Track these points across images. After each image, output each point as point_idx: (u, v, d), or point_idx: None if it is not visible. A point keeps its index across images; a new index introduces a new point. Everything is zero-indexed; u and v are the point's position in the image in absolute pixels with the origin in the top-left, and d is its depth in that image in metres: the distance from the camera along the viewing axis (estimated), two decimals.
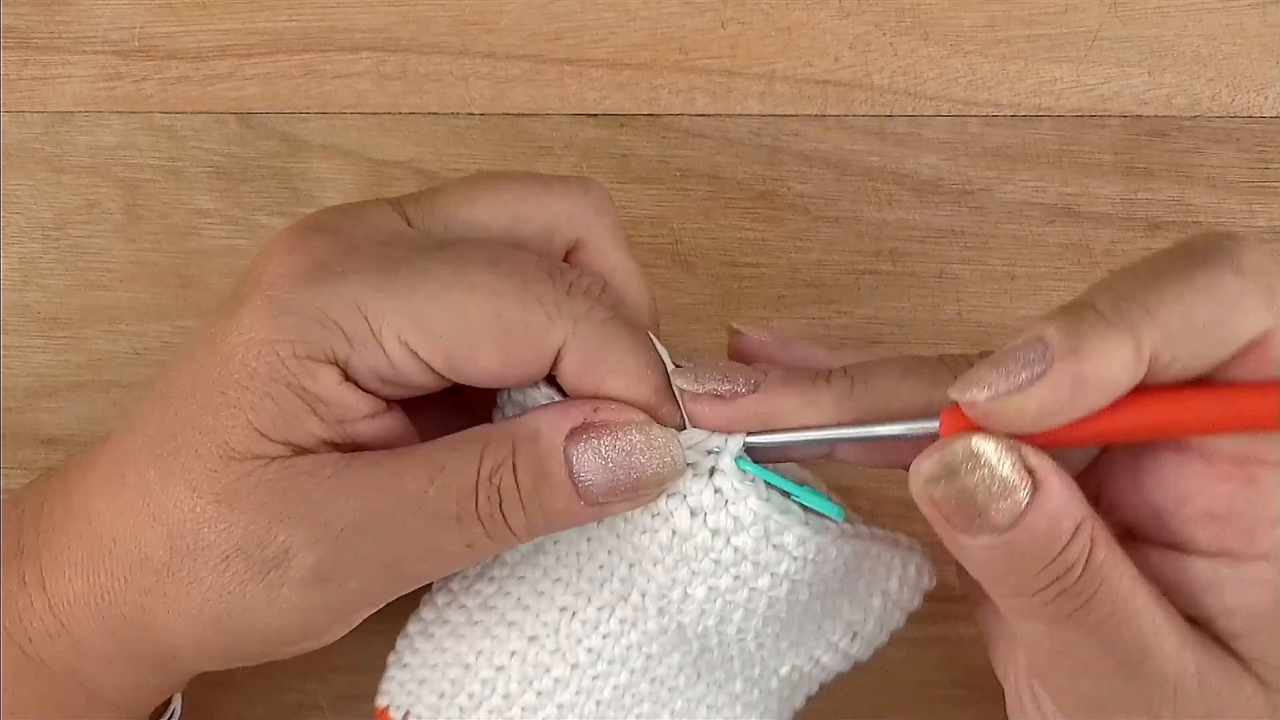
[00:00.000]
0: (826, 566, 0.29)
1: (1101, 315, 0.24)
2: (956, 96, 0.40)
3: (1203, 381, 0.25)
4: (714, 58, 0.40)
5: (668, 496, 0.28)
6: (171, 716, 0.36)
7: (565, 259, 0.30)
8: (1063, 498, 0.25)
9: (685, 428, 0.28)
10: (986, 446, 0.24)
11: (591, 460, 0.27)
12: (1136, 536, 0.27)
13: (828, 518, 0.28)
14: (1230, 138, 0.39)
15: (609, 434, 0.27)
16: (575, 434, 0.27)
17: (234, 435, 0.27)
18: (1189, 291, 0.24)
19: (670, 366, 0.28)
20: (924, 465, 0.25)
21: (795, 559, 0.28)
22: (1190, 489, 0.26)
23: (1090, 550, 0.25)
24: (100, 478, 0.29)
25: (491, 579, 0.32)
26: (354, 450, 0.28)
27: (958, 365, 0.27)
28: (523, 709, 0.31)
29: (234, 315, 0.27)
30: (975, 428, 0.25)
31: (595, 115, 0.40)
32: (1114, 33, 0.40)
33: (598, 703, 0.31)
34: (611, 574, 0.30)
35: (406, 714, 0.33)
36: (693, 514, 0.28)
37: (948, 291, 0.39)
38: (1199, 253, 0.25)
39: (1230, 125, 0.39)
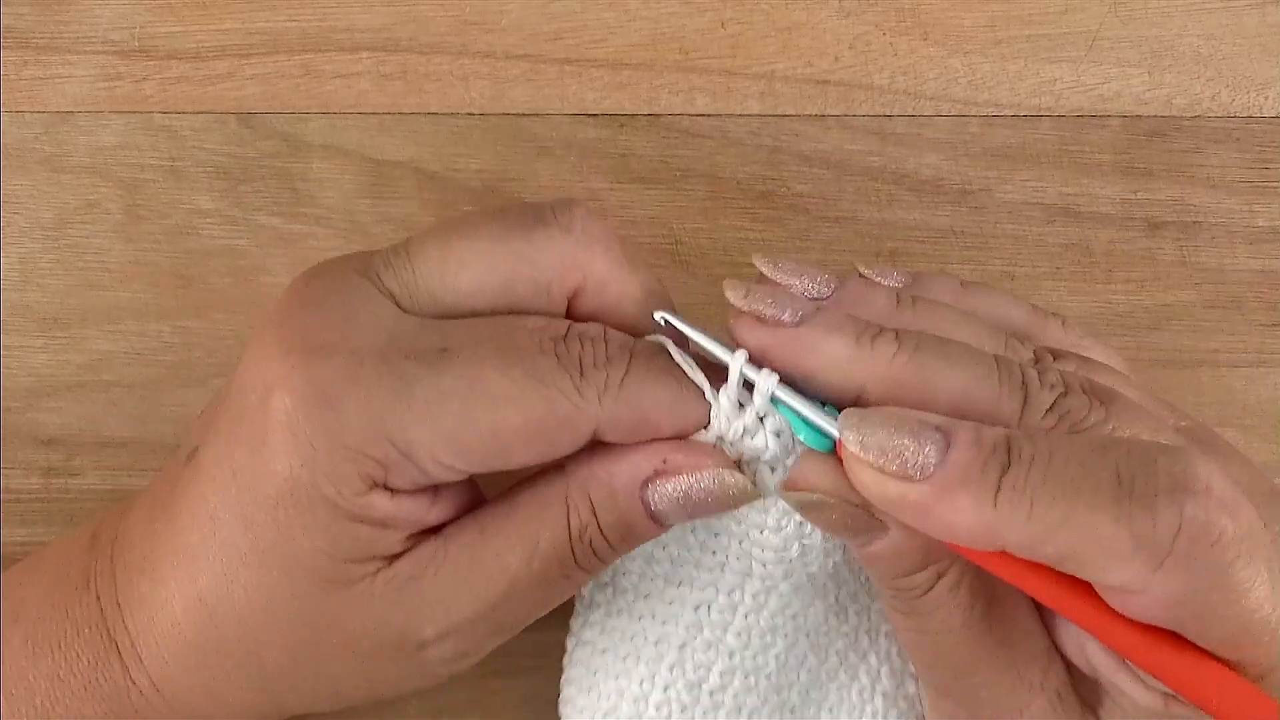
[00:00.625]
0: None
1: (1005, 484, 0.24)
2: (956, 96, 0.40)
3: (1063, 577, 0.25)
4: (714, 58, 0.40)
5: (745, 462, 0.28)
6: None
7: (570, 302, 0.30)
8: (903, 551, 0.27)
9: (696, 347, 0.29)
10: (833, 501, 0.26)
11: (668, 503, 0.28)
12: None
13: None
14: (1230, 138, 0.39)
15: (682, 479, 0.28)
16: (647, 482, 0.28)
17: (326, 569, 0.28)
18: (1075, 526, 0.24)
19: (688, 346, 0.29)
20: (787, 495, 0.27)
21: None
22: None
23: (933, 585, 0.27)
24: (176, 596, 0.29)
25: (620, 610, 0.33)
26: (438, 528, 0.29)
27: (1009, 370, 0.27)
28: (704, 712, 0.32)
29: (260, 457, 0.27)
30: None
31: (595, 115, 0.40)
32: (1114, 33, 0.40)
33: (768, 677, 0.32)
34: (727, 556, 0.30)
35: None
36: (772, 469, 0.28)
37: None
38: (1130, 473, 0.24)
39: (1230, 125, 0.39)
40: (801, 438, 0.27)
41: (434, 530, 0.29)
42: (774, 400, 0.28)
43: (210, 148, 0.40)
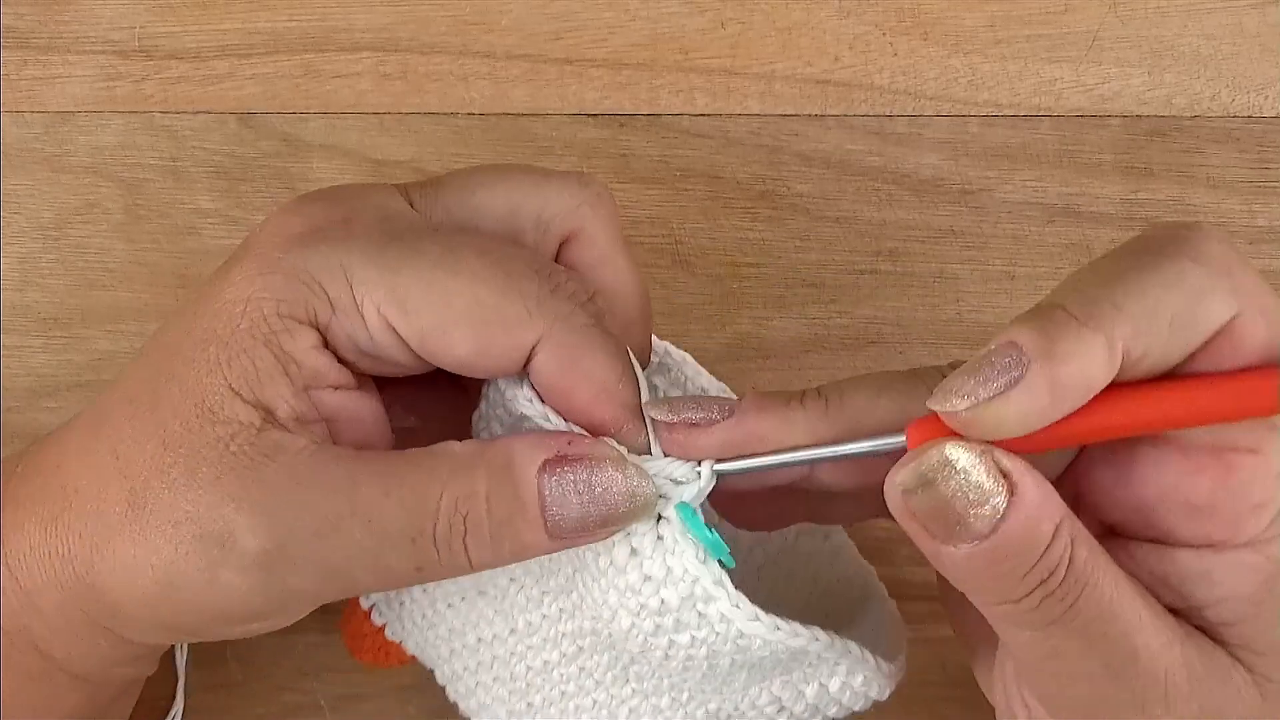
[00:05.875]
0: (753, 650, 0.28)
1: (1072, 315, 0.24)
2: (956, 96, 0.40)
3: (1177, 375, 0.25)
4: (714, 58, 0.40)
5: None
6: (173, 718, 0.36)
7: (560, 249, 0.31)
8: (1039, 499, 0.25)
9: (651, 453, 0.28)
10: (959, 454, 0.25)
11: (564, 494, 0.27)
12: (1119, 533, 0.27)
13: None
14: (1230, 138, 0.39)
15: (584, 468, 0.27)
16: (548, 465, 0.27)
17: (210, 394, 0.27)
18: (1154, 285, 0.24)
19: (645, 385, 0.28)
20: (899, 476, 0.25)
21: (716, 632, 0.27)
22: (1170, 483, 0.26)
23: (1071, 551, 0.25)
24: (77, 433, 0.29)
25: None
26: (321, 423, 0.28)
27: (930, 377, 0.27)
28: (464, 645, 0.33)
29: (225, 274, 0.28)
30: (944, 436, 0.25)
31: (595, 115, 0.40)
32: (1114, 33, 0.40)
33: (527, 668, 0.32)
34: (559, 569, 0.30)
35: (384, 623, 0.35)
36: (632, 552, 0.27)
37: (948, 291, 0.39)
38: (1158, 245, 0.25)
39: (1230, 125, 0.39)
40: (694, 532, 0.27)
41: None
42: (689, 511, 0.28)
43: (210, 148, 0.40)
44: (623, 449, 0.27)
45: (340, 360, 0.28)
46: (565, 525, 0.27)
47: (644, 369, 0.29)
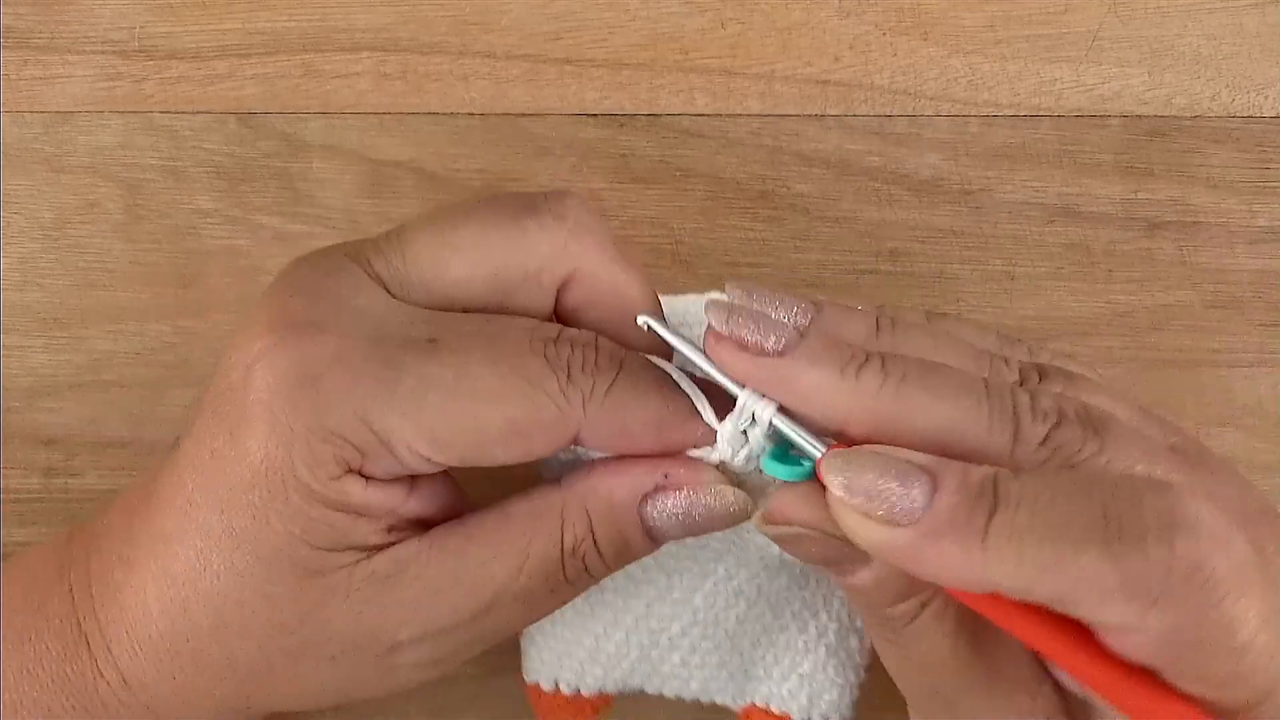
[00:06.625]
0: None
1: (993, 528, 0.23)
2: (956, 96, 0.40)
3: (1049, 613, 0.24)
4: (714, 58, 0.40)
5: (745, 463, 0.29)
6: None
7: (559, 292, 0.30)
8: (889, 578, 0.26)
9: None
10: (813, 534, 0.26)
11: (667, 519, 0.28)
12: None
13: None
14: (1230, 138, 0.39)
15: (682, 494, 0.28)
16: (648, 498, 0.28)
17: (303, 559, 0.27)
18: (1066, 571, 0.23)
19: (685, 381, 0.28)
20: (759, 527, 0.27)
21: None
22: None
23: (916, 614, 0.27)
24: (150, 583, 0.29)
25: None
26: (415, 523, 0.29)
27: (1001, 398, 0.26)
28: (659, 652, 0.34)
29: (237, 438, 0.27)
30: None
31: (595, 115, 0.40)
32: (1114, 33, 0.40)
33: (726, 630, 0.34)
34: (711, 539, 0.32)
35: (556, 682, 0.35)
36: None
37: (948, 291, 0.39)
38: (1118, 519, 0.23)
39: (1230, 125, 0.39)
40: (776, 475, 0.28)
41: (417, 527, 0.29)
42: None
43: (210, 148, 0.40)
44: (711, 457, 0.28)
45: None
46: (670, 536, 0.29)
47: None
